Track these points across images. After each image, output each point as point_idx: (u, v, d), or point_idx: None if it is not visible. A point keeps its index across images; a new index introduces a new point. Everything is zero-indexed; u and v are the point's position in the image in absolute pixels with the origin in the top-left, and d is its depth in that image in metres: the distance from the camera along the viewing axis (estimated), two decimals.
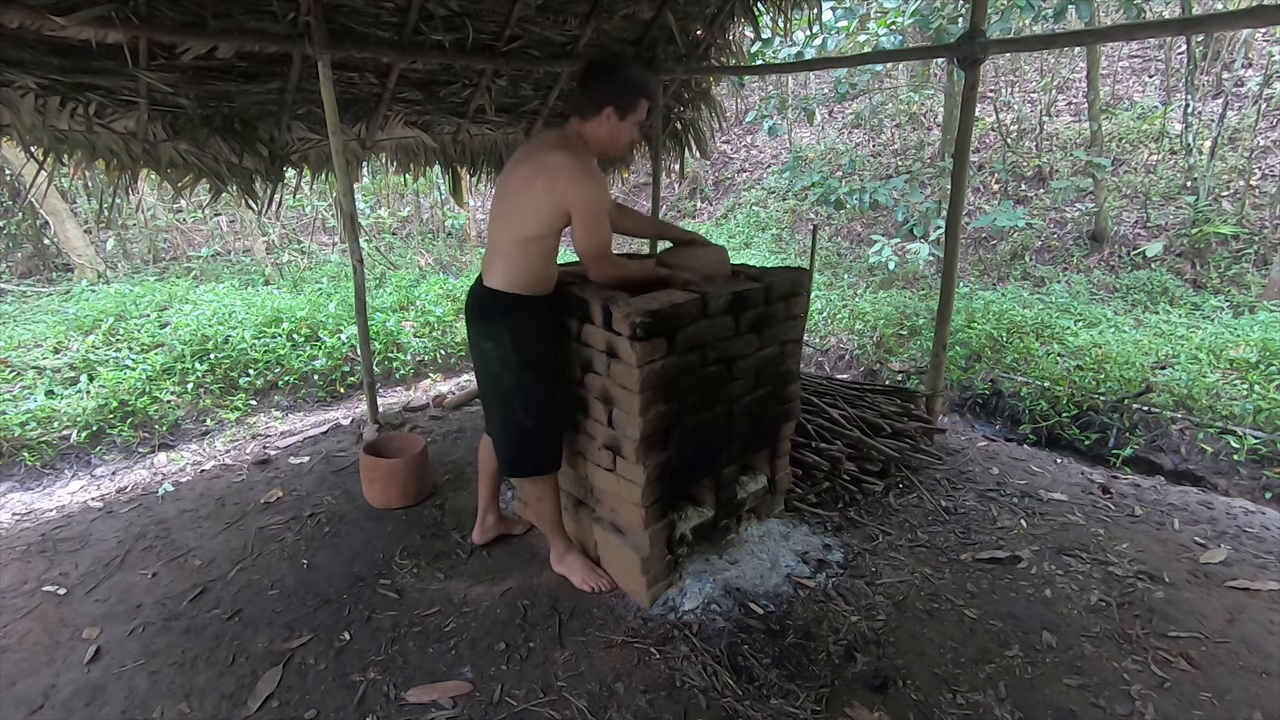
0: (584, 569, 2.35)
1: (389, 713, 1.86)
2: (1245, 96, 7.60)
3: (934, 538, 2.64)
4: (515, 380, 2.13)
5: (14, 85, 2.69)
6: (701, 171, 11.13)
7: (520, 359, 2.10)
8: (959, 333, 5.30)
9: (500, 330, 2.09)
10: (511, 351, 2.09)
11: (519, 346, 2.09)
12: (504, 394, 2.16)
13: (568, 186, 1.93)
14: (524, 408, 2.15)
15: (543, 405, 2.18)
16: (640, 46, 4.18)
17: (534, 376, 2.13)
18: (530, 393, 2.14)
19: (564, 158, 1.94)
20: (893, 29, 6.66)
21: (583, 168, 1.94)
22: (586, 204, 1.95)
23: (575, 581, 2.34)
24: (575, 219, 1.97)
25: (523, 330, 2.09)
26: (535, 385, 2.14)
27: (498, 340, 2.09)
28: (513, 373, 2.12)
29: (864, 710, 1.85)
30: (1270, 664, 1.99)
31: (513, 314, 2.08)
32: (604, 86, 2.00)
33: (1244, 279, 5.93)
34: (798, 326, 2.48)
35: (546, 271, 2.09)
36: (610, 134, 2.03)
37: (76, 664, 2.04)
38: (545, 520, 2.35)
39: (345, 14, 3.12)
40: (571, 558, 2.38)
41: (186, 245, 8.62)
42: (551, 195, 1.94)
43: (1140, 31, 4.85)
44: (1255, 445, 3.72)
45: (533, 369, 2.13)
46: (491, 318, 2.10)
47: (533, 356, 2.12)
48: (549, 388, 2.19)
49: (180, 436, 4.19)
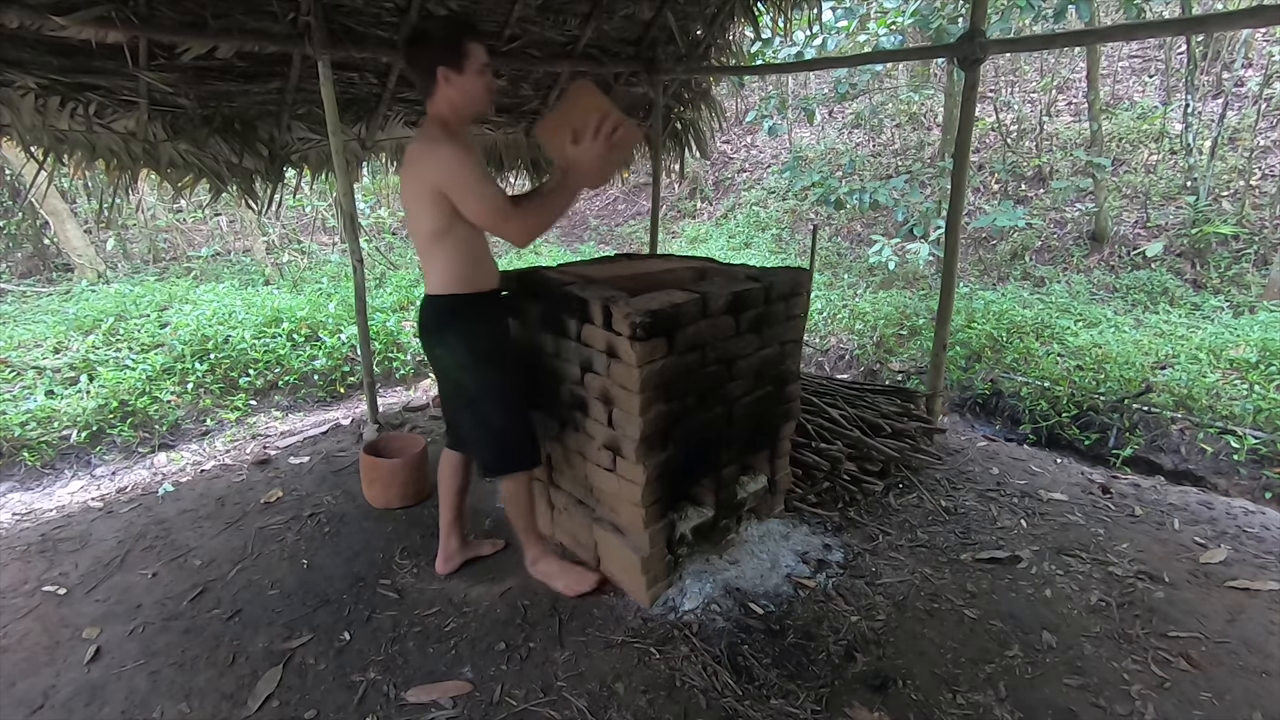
0: (563, 573, 2.31)
1: (389, 713, 1.86)
2: (1245, 96, 7.60)
3: (934, 538, 2.64)
4: (478, 382, 2.10)
5: (14, 85, 2.69)
6: (701, 171, 11.13)
7: (476, 359, 2.06)
8: (959, 333, 5.30)
9: (448, 335, 2.05)
10: (466, 354, 2.05)
11: (471, 347, 2.05)
12: (469, 398, 2.13)
13: (429, 166, 1.86)
14: (493, 408, 2.12)
15: (510, 401, 2.15)
16: (640, 46, 4.18)
17: (495, 374, 2.10)
18: (496, 391, 2.11)
19: (419, 144, 1.90)
20: (893, 29, 6.66)
21: (437, 143, 1.87)
22: (451, 175, 1.85)
23: (558, 588, 2.29)
24: (451, 194, 1.87)
25: (470, 330, 2.05)
26: (499, 382, 2.12)
27: (449, 346, 2.06)
28: (472, 375, 2.09)
29: (864, 710, 1.85)
30: (1270, 664, 1.99)
31: (457, 316, 2.03)
32: (424, 55, 1.92)
33: (1244, 279, 5.93)
34: (798, 326, 2.48)
35: (474, 266, 2.02)
36: (460, 93, 1.93)
37: (76, 664, 2.04)
38: (519, 522, 2.30)
39: (345, 14, 3.12)
40: (546, 562, 2.34)
41: (186, 245, 8.62)
42: (422, 182, 1.88)
43: (1140, 31, 4.86)
44: (1255, 445, 3.72)
45: (492, 366, 2.09)
46: (437, 324, 2.05)
47: (488, 354, 2.08)
48: (512, 382, 2.16)
49: (180, 436, 4.19)
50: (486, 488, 3.05)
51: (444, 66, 1.89)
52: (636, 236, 10.23)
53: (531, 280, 2.34)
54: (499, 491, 2.99)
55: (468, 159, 1.86)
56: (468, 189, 1.86)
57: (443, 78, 1.90)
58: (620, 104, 2.02)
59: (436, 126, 1.93)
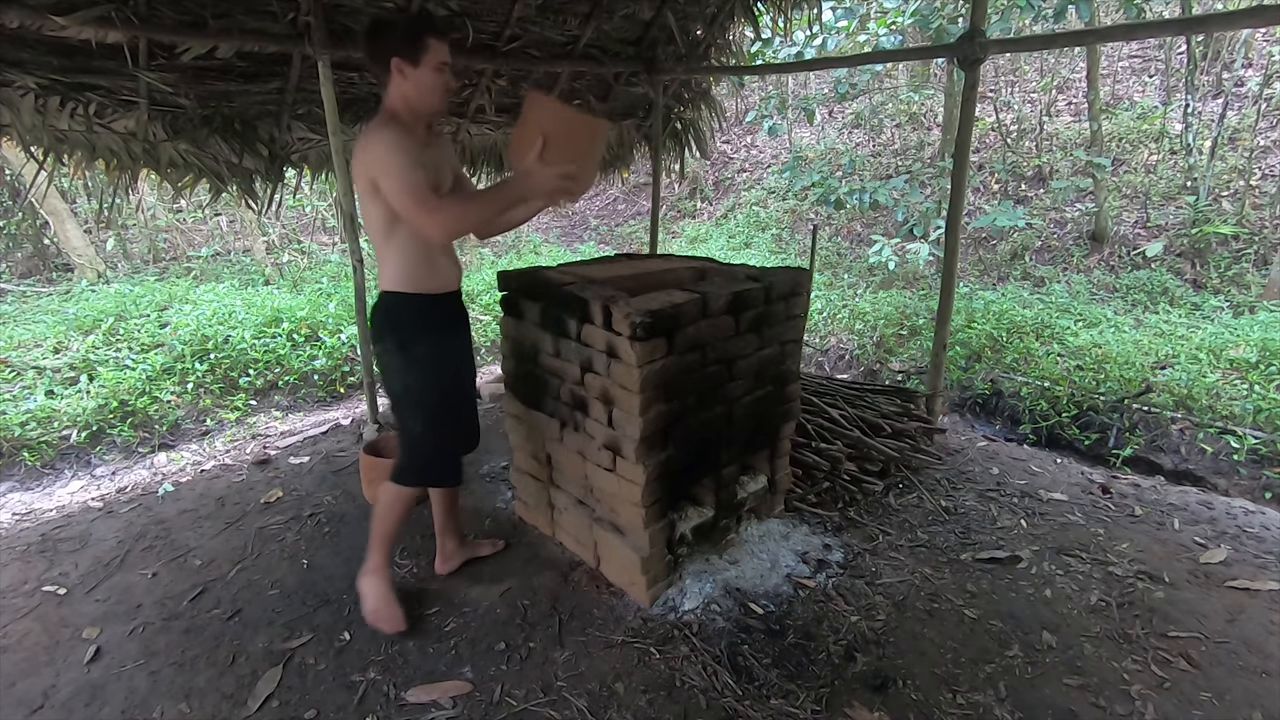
0: (379, 599, 2.16)
1: (389, 713, 1.86)
2: (1245, 96, 7.60)
3: (934, 538, 2.64)
4: (401, 385, 2.04)
5: (14, 85, 2.68)
6: (701, 171, 11.13)
7: (404, 360, 2.00)
8: (959, 333, 5.30)
9: (384, 331, 2.00)
10: (396, 354, 2.00)
11: (402, 346, 1.99)
12: (393, 398, 2.09)
13: (363, 154, 1.82)
14: (410, 413, 2.06)
15: (430, 412, 2.06)
16: (640, 46, 4.19)
17: (420, 380, 2.03)
18: (416, 397, 2.04)
19: (362, 136, 1.86)
20: (893, 29, 6.66)
21: (370, 134, 1.82)
22: (377, 159, 1.79)
23: (364, 607, 2.17)
24: (379, 181, 1.81)
25: (405, 329, 1.99)
26: (422, 391, 2.04)
27: (384, 343, 2.01)
28: (398, 376, 2.03)
29: (864, 710, 1.85)
30: (1270, 664, 1.99)
31: (394, 313, 1.99)
32: (381, 46, 1.87)
33: (1244, 279, 5.93)
34: (798, 326, 2.48)
35: (427, 265, 1.97)
36: (414, 87, 1.88)
37: (76, 664, 2.04)
38: (379, 528, 2.17)
39: (345, 14, 3.12)
40: (376, 580, 2.18)
41: (186, 245, 8.62)
42: (360, 172, 1.84)
43: (1140, 31, 4.85)
44: (1255, 445, 3.72)
45: (417, 372, 2.02)
46: (378, 319, 2.01)
47: (420, 359, 2.01)
48: (438, 394, 2.07)
49: (180, 436, 4.19)
50: (485, 487, 3.05)
51: (399, 59, 1.85)
52: (636, 236, 10.23)
53: (531, 280, 2.35)
54: (499, 492, 2.99)
55: (397, 144, 1.79)
56: (388, 173, 1.78)
57: (397, 69, 1.86)
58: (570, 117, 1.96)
59: (384, 119, 1.89)
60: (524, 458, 2.64)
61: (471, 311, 6.18)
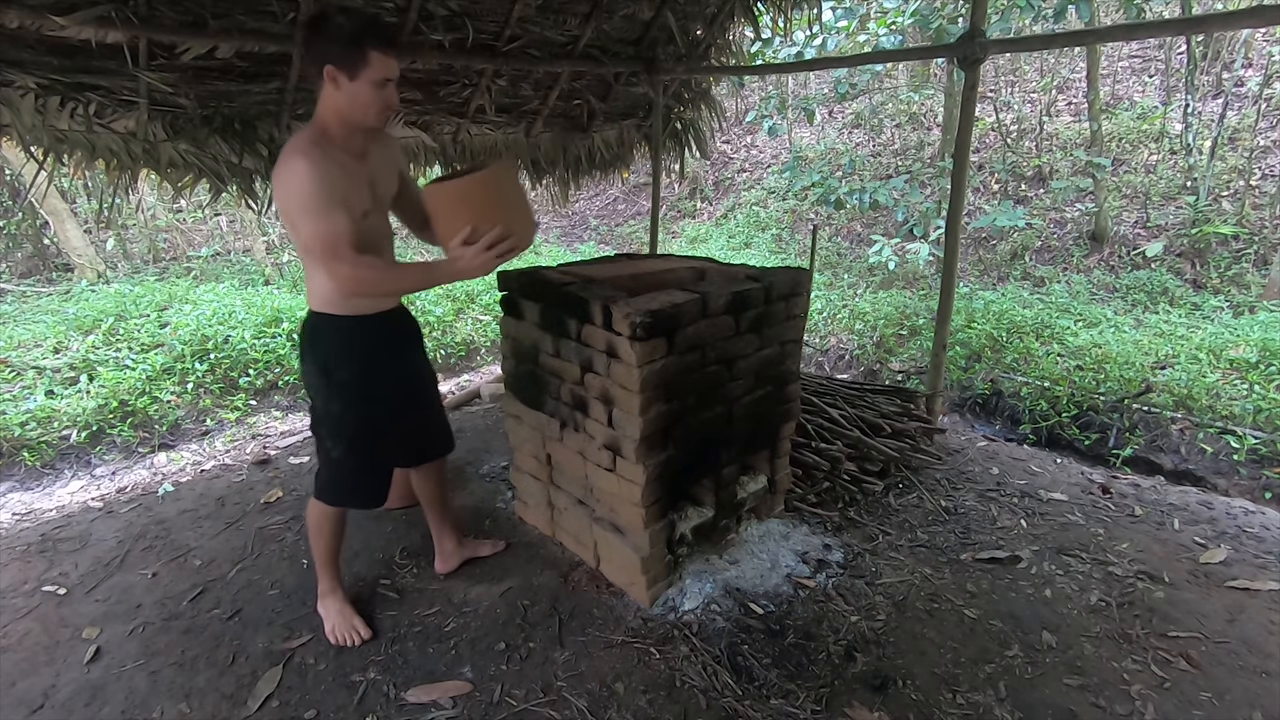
0: (338, 617, 2.13)
1: (389, 713, 1.86)
2: (1245, 96, 7.60)
3: (934, 538, 2.64)
4: (323, 406, 1.96)
5: (14, 85, 2.68)
6: (701, 171, 11.13)
7: (327, 384, 1.92)
8: (959, 333, 5.30)
9: (310, 350, 1.92)
10: (318, 375, 1.92)
11: (326, 371, 1.91)
12: (315, 418, 2.03)
13: (276, 180, 1.66)
14: (330, 436, 1.99)
15: (349, 437, 1.99)
16: (640, 46, 4.19)
17: (340, 406, 1.94)
18: (335, 422, 1.97)
19: (279, 163, 1.67)
20: (893, 29, 6.66)
21: (288, 158, 1.65)
22: (294, 197, 1.63)
23: (325, 628, 2.14)
24: (294, 220, 1.67)
25: (329, 354, 1.90)
26: (341, 417, 1.96)
27: (309, 362, 1.94)
28: (321, 397, 1.96)
29: (864, 710, 1.85)
30: (1270, 664, 1.99)
31: (320, 335, 1.90)
32: (316, 44, 1.66)
33: (1244, 279, 5.93)
34: (798, 326, 2.48)
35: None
36: (348, 101, 1.67)
37: (76, 664, 2.04)
38: (316, 552, 2.14)
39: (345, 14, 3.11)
40: (331, 601, 2.16)
41: (186, 245, 8.62)
42: (275, 193, 1.69)
43: (1140, 31, 4.86)
44: (1255, 445, 3.72)
45: (339, 398, 1.93)
46: (304, 338, 1.94)
47: (341, 383, 1.92)
48: (358, 424, 1.98)
49: (180, 436, 4.19)
50: (485, 487, 3.05)
51: (334, 67, 1.64)
52: (636, 236, 10.23)
53: (531, 280, 2.35)
54: (499, 492, 3.00)
55: (315, 179, 1.62)
56: (303, 212, 1.62)
57: (330, 78, 1.65)
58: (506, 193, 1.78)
59: (309, 135, 1.70)
60: (524, 458, 2.64)
61: (471, 311, 6.22)
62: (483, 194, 1.69)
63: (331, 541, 2.13)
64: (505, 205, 1.72)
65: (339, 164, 1.70)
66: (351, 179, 1.74)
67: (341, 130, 1.74)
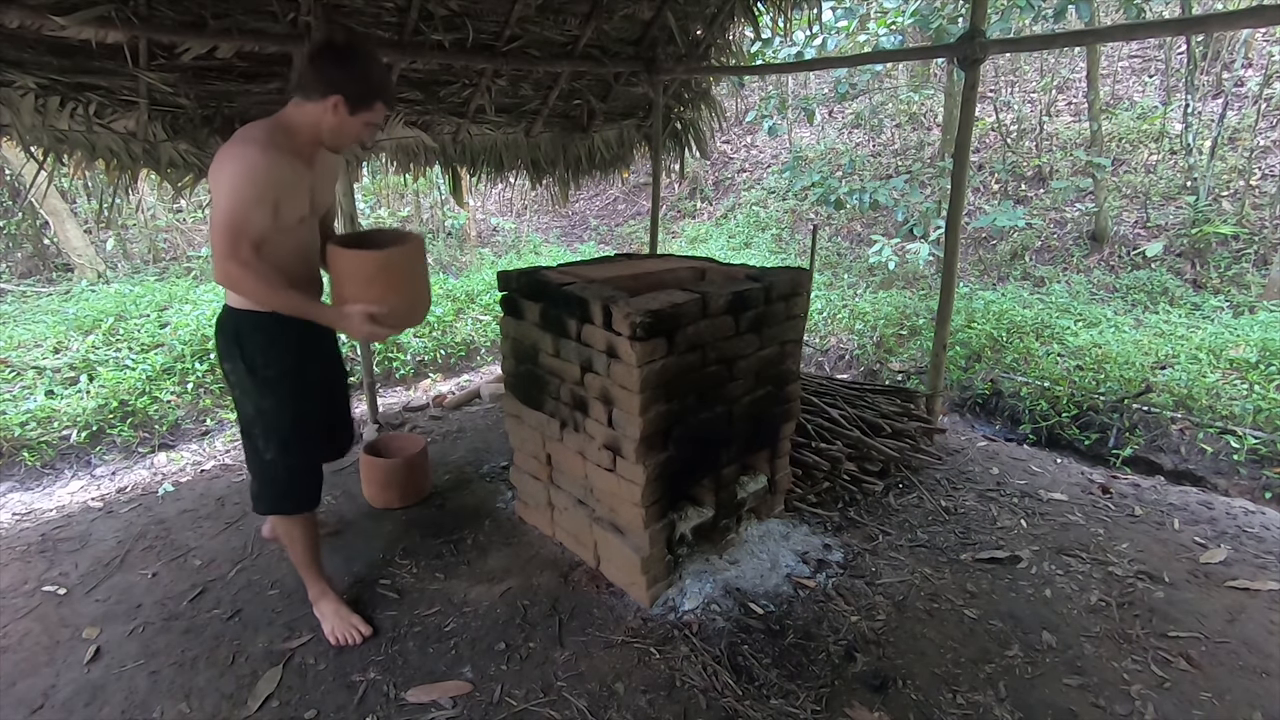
0: (335, 618, 2.13)
1: (389, 713, 1.86)
2: (1245, 96, 7.60)
3: (934, 538, 2.64)
4: (253, 407, 1.95)
5: (14, 85, 2.68)
6: (701, 171, 11.13)
7: (256, 383, 1.91)
8: (959, 333, 5.30)
9: (234, 350, 1.90)
10: (246, 375, 1.90)
11: (253, 369, 1.89)
12: (244, 422, 2.00)
13: (213, 169, 1.70)
14: (263, 437, 1.97)
15: (283, 437, 1.97)
16: (640, 46, 4.19)
17: (273, 403, 1.94)
18: (268, 422, 1.95)
19: (228, 144, 1.71)
20: (893, 29, 6.67)
21: (230, 149, 1.70)
22: (226, 178, 1.67)
23: (324, 630, 2.14)
24: (215, 197, 1.70)
25: (256, 350, 1.89)
26: (277, 412, 1.95)
27: (234, 362, 1.91)
28: (250, 398, 1.94)
29: (864, 710, 1.85)
30: (1270, 664, 1.99)
31: (244, 333, 1.89)
32: (337, 73, 1.76)
33: (1244, 279, 5.93)
34: (798, 326, 2.48)
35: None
36: (337, 125, 1.80)
37: (76, 664, 2.04)
38: (296, 560, 2.16)
39: (345, 14, 3.11)
40: (325, 603, 2.16)
41: (186, 245, 8.62)
42: (212, 173, 1.71)
43: (1140, 31, 4.86)
44: (1255, 445, 3.72)
45: (272, 394, 1.93)
46: (226, 336, 1.91)
47: (268, 381, 1.91)
48: (292, 419, 1.97)
49: (180, 436, 4.19)
50: (485, 487, 3.05)
51: (342, 98, 1.76)
52: (636, 236, 10.23)
53: (531, 280, 2.35)
54: (499, 491, 3.00)
55: (253, 174, 1.68)
56: (226, 194, 1.67)
57: (333, 105, 1.77)
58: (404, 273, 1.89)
59: (267, 128, 1.76)
60: (524, 458, 2.64)
61: (471, 311, 6.22)
62: (386, 272, 1.80)
63: (307, 546, 2.12)
64: (402, 287, 1.83)
65: (288, 166, 1.77)
66: (296, 183, 1.81)
67: (306, 140, 1.83)
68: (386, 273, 1.82)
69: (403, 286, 1.86)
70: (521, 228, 11.02)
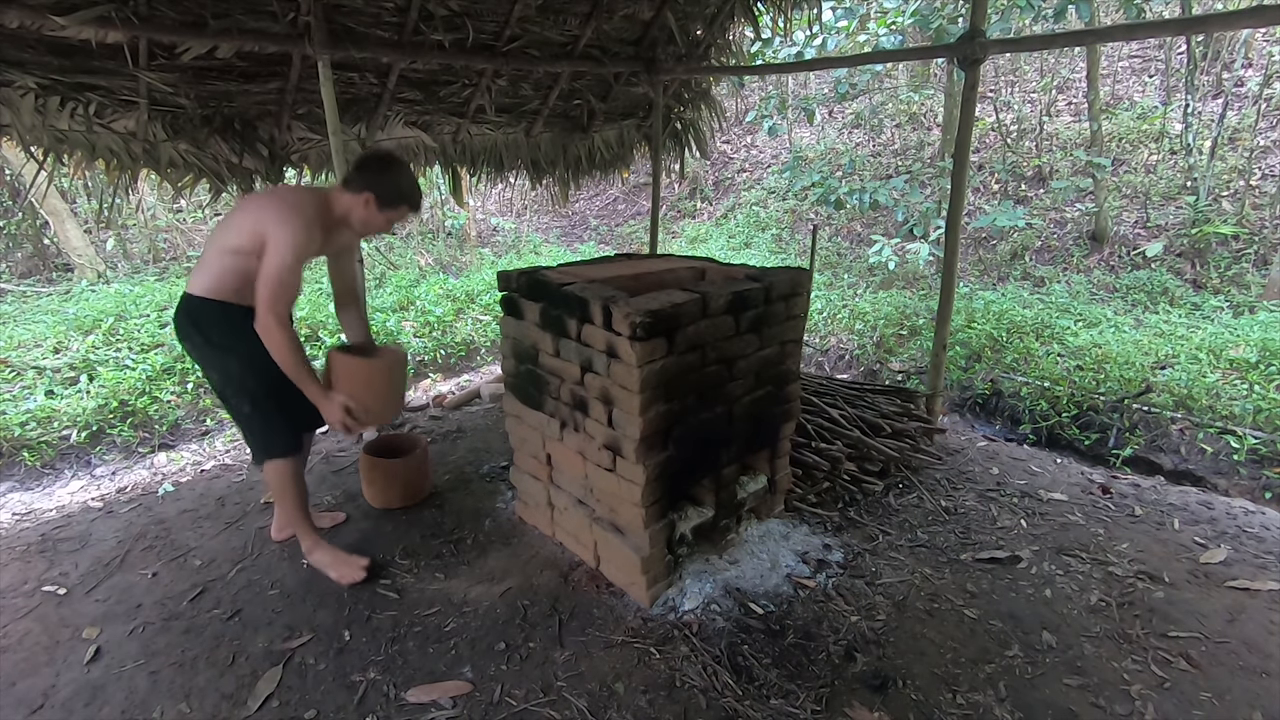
0: (334, 563, 2.38)
1: (389, 713, 1.86)
2: (1245, 96, 7.60)
3: (934, 538, 2.64)
4: (219, 373, 2.21)
5: (14, 85, 2.69)
6: (701, 171, 11.13)
7: (220, 352, 2.18)
8: (959, 333, 5.31)
9: (189, 329, 2.17)
10: (205, 346, 2.17)
11: (210, 341, 2.17)
12: (218, 390, 2.27)
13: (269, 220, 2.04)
14: (235, 396, 2.23)
15: (251, 391, 2.22)
16: (640, 46, 4.19)
17: (237, 365, 2.19)
18: (236, 382, 2.21)
19: (294, 196, 2.13)
20: (893, 29, 6.67)
21: (287, 213, 2.05)
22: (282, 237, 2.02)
23: (331, 576, 2.37)
24: (268, 248, 2.03)
25: (211, 326, 2.16)
26: (242, 373, 2.19)
27: (192, 339, 2.18)
28: (214, 366, 2.21)
29: (864, 710, 1.85)
30: (1270, 664, 1.99)
31: (204, 318, 2.15)
32: (374, 178, 2.17)
33: (1244, 279, 5.93)
34: (798, 326, 2.48)
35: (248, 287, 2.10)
36: (365, 215, 2.20)
37: (76, 664, 2.04)
38: (287, 511, 2.37)
39: (345, 14, 3.12)
40: (320, 552, 2.41)
41: (186, 245, 8.62)
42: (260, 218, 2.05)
43: (1140, 31, 4.85)
44: (1255, 445, 3.72)
45: (231, 357, 2.18)
46: (185, 318, 2.16)
47: (227, 347, 2.18)
48: (255, 375, 2.21)
49: (180, 436, 4.19)
50: (485, 487, 3.05)
51: (374, 196, 2.17)
52: (636, 236, 10.23)
53: (531, 280, 2.35)
54: (499, 491, 3.00)
55: (304, 236, 2.06)
56: (278, 251, 2.02)
57: (365, 201, 2.17)
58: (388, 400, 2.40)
59: (317, 205, 2.15)
60: (524, 458, 2.64)
61: (471, 311, 6.22)
62: (367, 378, 2.30)
63: (297, 495, 2.35)
64: (376, 392, 2.31)
65: (318, 240, 2.17)
66: (315, 252, 2.23)
67: (336, 219, 2.23)
68: (369, 378, 2.30)
69: (380, 391, 2.33)
70: (521, 228, 11.02)
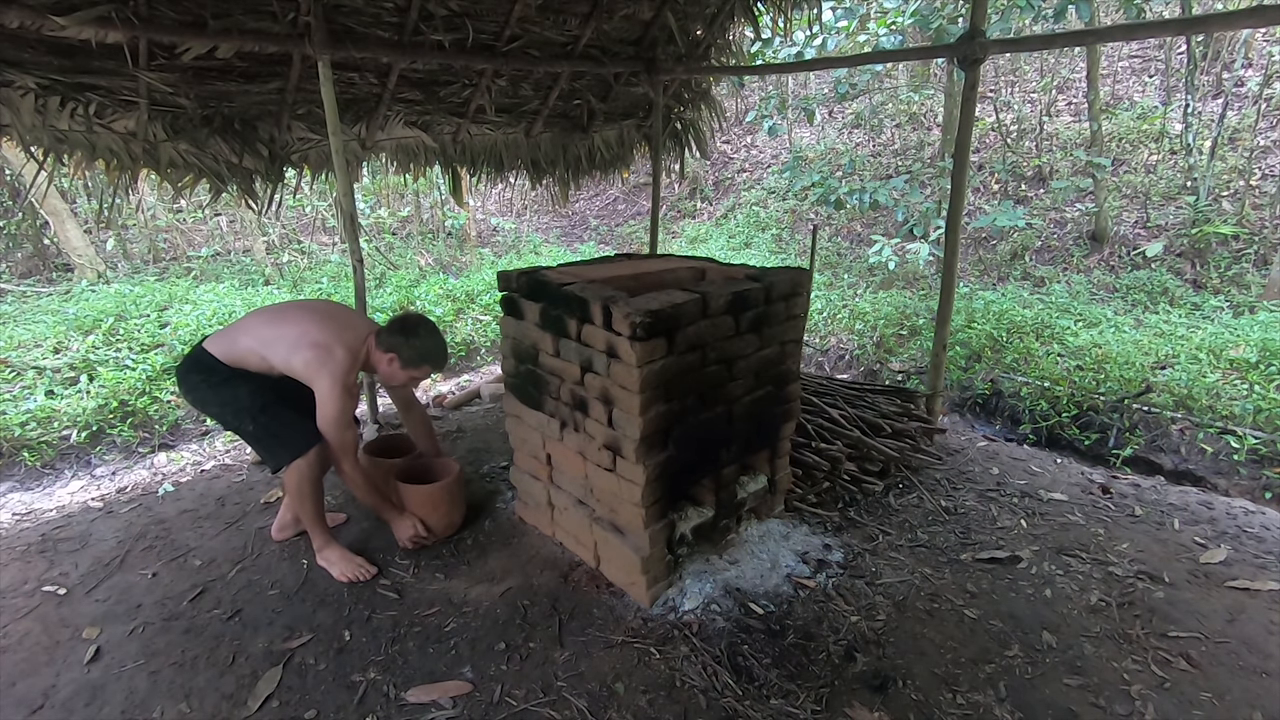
0: (342, 561, 2.44)
1: (389, 713, 1.86)
2: (1245, 96, 7.60)
3: (934, 538, 2.64)
4: (218, 400, 2.37)
5: (14, 85, 2.69)
6: (701, 171, 11.13)
7: (218, 383, 2.35)
8: (959, 333, 5.30)
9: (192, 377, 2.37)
10: (207, 388, 2.36)
11: (209, 383, 2.35)
12: (228, 424, 2.43)
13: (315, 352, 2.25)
14: (237, 419, 2.37)
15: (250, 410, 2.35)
16: (640, 46, 4.19)
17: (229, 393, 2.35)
18: (236, 406, 2.35)
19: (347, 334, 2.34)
20: (893, 29, 6.66)
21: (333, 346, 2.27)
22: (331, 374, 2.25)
23: (334, 574, 2.42)
24: (317, 397, 2.27)
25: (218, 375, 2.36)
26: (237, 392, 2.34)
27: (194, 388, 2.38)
28: (215, 395, 2.36)
29: (864, 710, 1.85)
30: (1270, 664, 1.99)
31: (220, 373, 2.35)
32: (394, 339, 2.38)
33: (1244, 279, 5.93)
34: (798, 326, 2.48)
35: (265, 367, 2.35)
36: (386, 370, 2.42)
37: (76, 664, 2.04)
38: (302, 512, 2.43)
39: (345, 14, 3.12)
40: (329, 551, 2.47)
41: (186, 245, 8.62)
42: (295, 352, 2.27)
43: (1140, 31, 4.85)
44: (1255, 445, 3.72)
45: (226, 389, 2.35)
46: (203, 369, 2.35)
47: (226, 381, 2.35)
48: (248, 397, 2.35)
49: (180, 436, 4.19)
50: (485, 487, 3.05)
51: (396, 356, 2.38)
52: (636, 236, 10.23)
53: (531, 280, 2.35)
54: (499, 492, 3.00)
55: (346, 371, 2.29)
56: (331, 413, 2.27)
57: (387, 359, 2.39)
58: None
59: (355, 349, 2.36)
60: (524, 458, 2.64)
61: (471, 311, 6.22)
62: (432, 501, 2.56)
63: (314, 499, 2.41)
64: (439, 511, 2.58)
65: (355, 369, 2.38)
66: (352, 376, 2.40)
67: (365, 365, 2.46)
68: (433, 501, 2.56)
69: (443, 509, 2.59)
70: (521, 228, 11.02)
